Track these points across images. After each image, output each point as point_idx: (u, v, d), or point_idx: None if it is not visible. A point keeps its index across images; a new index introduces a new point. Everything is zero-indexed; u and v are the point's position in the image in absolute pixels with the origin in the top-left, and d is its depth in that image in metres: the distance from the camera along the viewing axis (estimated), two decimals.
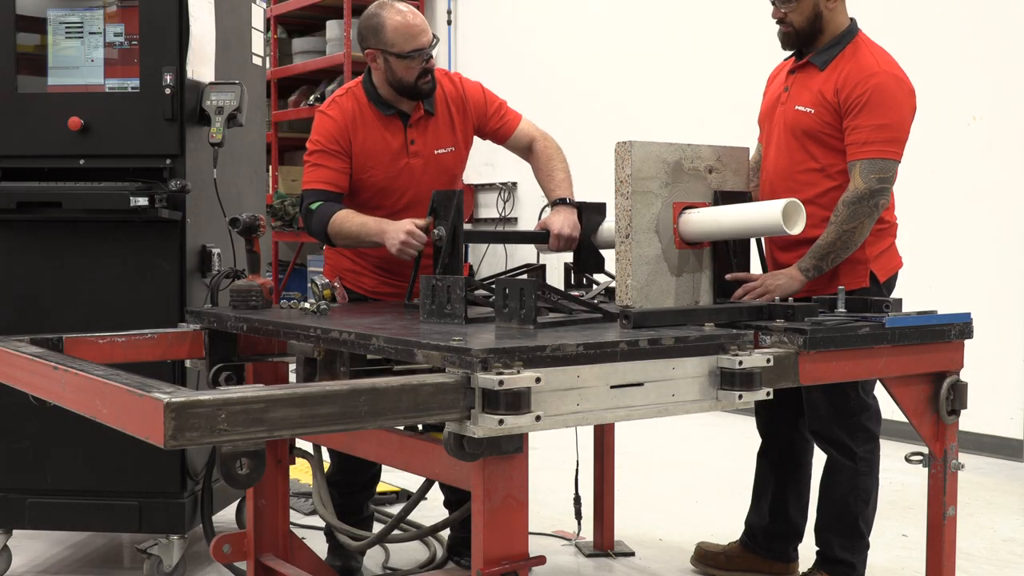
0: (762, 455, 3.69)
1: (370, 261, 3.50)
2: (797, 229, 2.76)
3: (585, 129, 7.80)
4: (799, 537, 3.65)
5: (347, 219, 3.26)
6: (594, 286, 3.33)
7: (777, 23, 3.29)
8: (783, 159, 3.31)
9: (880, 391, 3.21)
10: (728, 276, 2.93)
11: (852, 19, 3.30)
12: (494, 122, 3.53)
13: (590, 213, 3.33)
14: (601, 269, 3.35)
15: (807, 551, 3.58)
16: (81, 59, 3.52)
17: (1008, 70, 5.58)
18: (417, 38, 3.29)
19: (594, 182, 4.29)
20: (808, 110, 3.23)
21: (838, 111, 3.17)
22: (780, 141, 3.32)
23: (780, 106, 3.35)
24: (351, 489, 3.59)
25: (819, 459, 3.52)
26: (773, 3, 3.28)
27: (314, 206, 3.30)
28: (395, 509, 4.49)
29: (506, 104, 3.58)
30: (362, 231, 3.22)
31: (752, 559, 3.67)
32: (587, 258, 3.33)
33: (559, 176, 3.46)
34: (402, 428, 2.58)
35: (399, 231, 3.08)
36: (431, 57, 3.33)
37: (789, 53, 3.39)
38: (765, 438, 3.68)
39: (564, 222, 3.28)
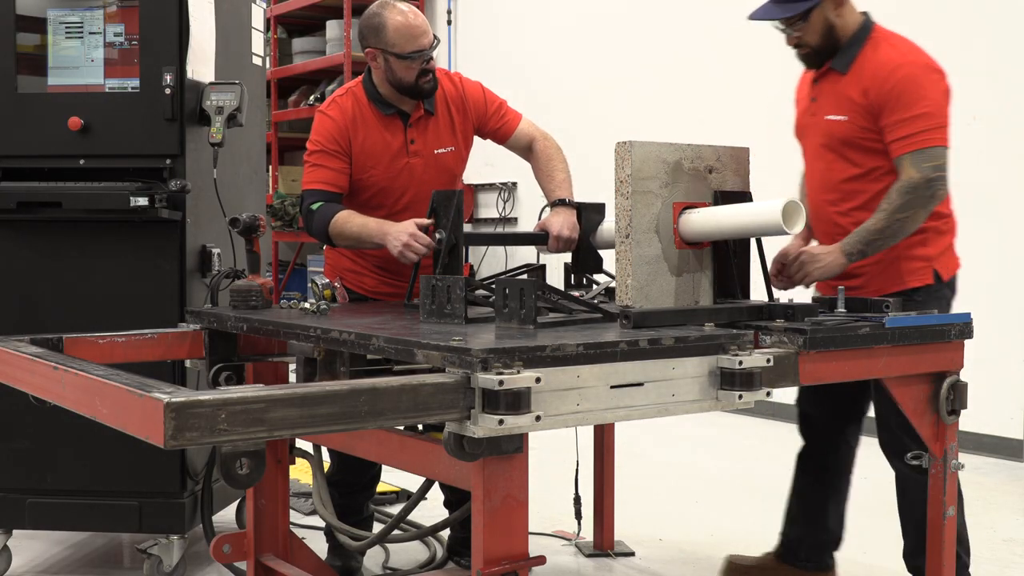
0: (804, 466, 3.54)
1: (370, 261, 3.50)
2: (797, 229, 2.76)
3: (584, 129, 7.79)
4: (838, 545, 3.54)
5: (348, 220, 3.26)
6: (594, 286, 3.33)
7: (794, 48, 3.22)
8: (823, 172, 3.24)
9: None
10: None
11: (864, 13, 3.23)
12: (494, 122, 3.53)
13: (589, 213, 3.33)
14: (600, 269, 3.35)
15: (843, 557, 3.55)
16: (81, 59, 3.52)
17: (1008, 70, 5.58)
18: (418, 39, 3.29)
19: (594, 182, 4.28)
20: (841, 118, 3.14)
21: (871, 112, 3.09)
22: (818, 153, 3.25)
23: (810, 117, 3.27)
24: (351, 489, 3.59)
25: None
26: (784, 32, 3.20)
27: (315, 206, 3.30)
28: (395, 509, 4.49)
29: (506, 104, 3.58)
30: (363, 232, 3.22)
31: (789, 571, 3.55)
32: (585, 258, 3.33)
33: (559, 176, 3.46)
34: (402, 428, 2.58)
35: (401, 233, 3.07)
36: (431, 58, 3.34)
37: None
38: (810, 446, 3.53)
39: (563, 223, 3.28)
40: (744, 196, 2.98)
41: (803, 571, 3.54)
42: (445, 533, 3.90)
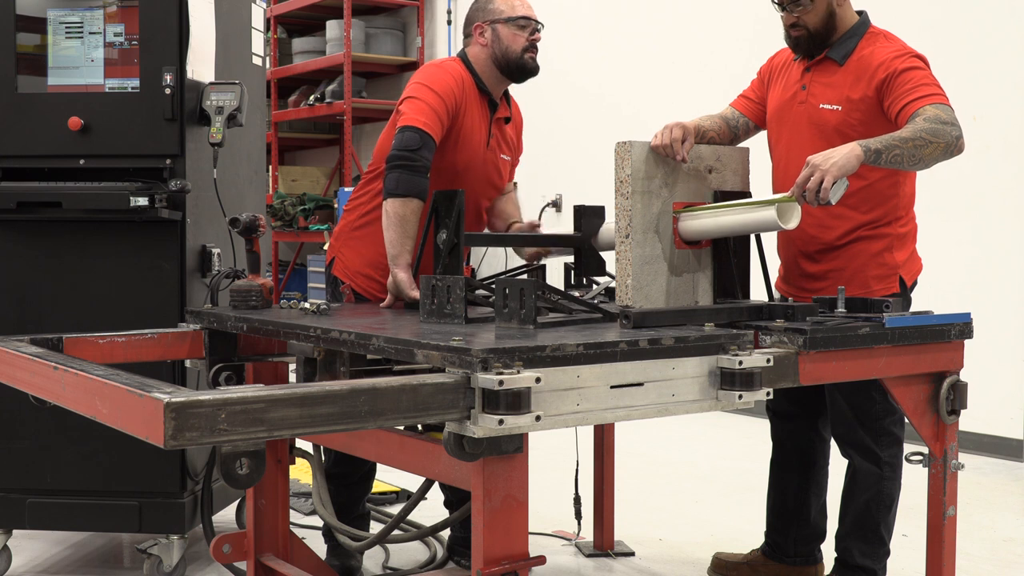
0: (778, 462, 3.61)
1: (386, 270, 3.47)
2: (792, 224, 2.76)
3: (586, 129, 7.80)
4: (822, 537, 3.61)
5: (404, 218, 3.08)
6: (594, 286, 3.33)
7: (788, 28, 3.22)
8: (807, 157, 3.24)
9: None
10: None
11: (863, 11, 3.26)
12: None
13: (589, 217, 3.33)
14: (602, 272, 3.35)
15: (829, 550, 3.55)
16: (81, 59, 3.52)
17: (1008, 70, 5.58)
18: (526, 6, 3.40)
19: (594, 182, 4.29)
20: (835, 107, 3.15)
21: (868, 103, 3.09)
22: (803, 140, 3.22)
23: (798, 105, 3.26)
24: (347, 482, 3.60)
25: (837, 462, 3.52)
26: (784, 9, 3.20)
27: (417, 151, 3.09)
28: (395, 509, 4.49)
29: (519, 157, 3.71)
30: (390, 244, 3.11)
31: (777, 568, 3.60)
32: (588, 261, 3.33)
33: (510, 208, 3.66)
34: (402, 428, 2.58)
35: (404, 290, 3.07)
36: (539, 29, 3.40)
37: (783, 47, 3.34)
38: (781, 444, 3.60)
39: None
40: (744, 196, 2.98)
41: (792, 567, 3.60)
42: (445, 533, 3.90)
